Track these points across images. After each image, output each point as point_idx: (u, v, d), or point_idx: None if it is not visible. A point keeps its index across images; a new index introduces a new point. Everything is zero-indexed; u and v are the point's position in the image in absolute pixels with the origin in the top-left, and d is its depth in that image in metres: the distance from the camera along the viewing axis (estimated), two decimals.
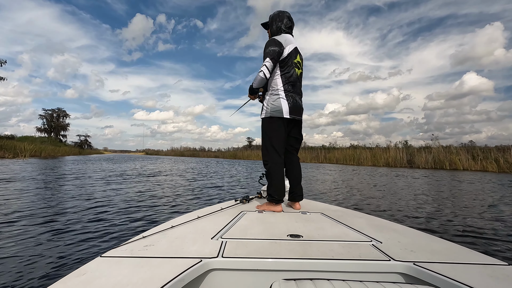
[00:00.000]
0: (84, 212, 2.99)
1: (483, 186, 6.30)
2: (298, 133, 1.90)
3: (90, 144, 58.22)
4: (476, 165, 13.49)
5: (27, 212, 2.93)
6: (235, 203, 1.91)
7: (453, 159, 14.20)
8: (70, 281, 0.74)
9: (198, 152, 49.39)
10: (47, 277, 1.48)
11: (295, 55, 1.81)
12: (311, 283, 0.66)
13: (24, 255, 1.77)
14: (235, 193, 4.95)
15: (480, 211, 3.52)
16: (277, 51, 1.72)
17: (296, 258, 0.94)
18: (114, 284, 0.72)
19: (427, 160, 15.17)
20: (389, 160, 16.82)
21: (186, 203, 3.75)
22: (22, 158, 16.89)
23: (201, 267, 0.87)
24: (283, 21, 1.86)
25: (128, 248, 1.00)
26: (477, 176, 9.55)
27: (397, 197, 4.57)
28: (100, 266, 0.84)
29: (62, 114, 45.42)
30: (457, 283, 0.75)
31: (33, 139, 29.21)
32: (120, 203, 3.59)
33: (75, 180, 6.19)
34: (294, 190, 1.86)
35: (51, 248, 1.90)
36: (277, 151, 1.76)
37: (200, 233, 1.20)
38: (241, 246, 1.04)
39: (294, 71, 1.78)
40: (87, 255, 1.79)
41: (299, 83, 1.87)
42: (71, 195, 4.09)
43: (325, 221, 1.48)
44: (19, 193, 4.14)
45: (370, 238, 1.17)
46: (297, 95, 1.82)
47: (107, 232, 2.31)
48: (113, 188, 4.98)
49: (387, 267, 0.91)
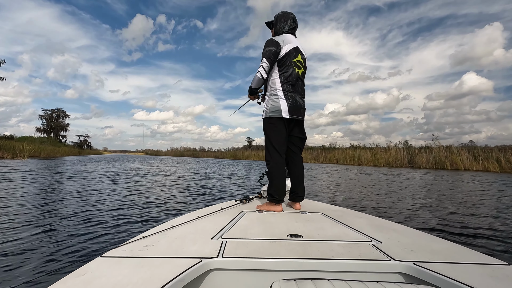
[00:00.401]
0: (83, 212, 2.99)
1: (484, 186, 6.30)
2: (300, 132, 1.90)
3: (90, 144, 58.33)
4: (477, 165, 13.48)
5: (25, 212, 2.93)
6: (235, 203, 1.92)
7: (454, 159, 14.20)
8: (70, 281, 0.75)
9: (198, 152, 49.43)
10: (46, 277, 1.48)
11: (295, 54, 1.80)
12: (311, 283, 0.67)
13: (24, 255, 1.78)
14: (235, 193, 4.96)
15: (481, 211, 3.52)
16: (274, 51, 1.73)
17: (296, 258, 0.94)
18: (114, 284, 0.72)
19: (428, 160, 15.16)
20: (390, 160, 16.85)
21: (186, 203, 3.76)
22: (21, 159, 16.88)
23: (201, 267, 0.88)
24: (287, 22, 1.88)
25: (128, 248, 1.00)
26: (478, 176, 9.54)
27: (397, 197, 4.58)
28: (100, 266, 0.84)
29: (62, 114, 45.51)
30: (457, 283, 0.76)
31: (32, 140, 29.25)
32: (120, 203, 3.60)
33: (74, 180, 6.20)
34: (295, 190, 1.86)
35: (50, 248, 1.91)
36: (278, 150, 1.77)
37: (200, 233, 1.20)
38: (241, 246, 1.04)
39: (293, 70, 1.78)
40: (87, 255, 1.80)
41: (301, 82, 1.87)
42: (70, 195, 4.09)
43: (325, 221, 1.48)
44: (18, 193, 4.15)
45: (370, 238, 1.17)
46: (298, 95, 1.82)
47: (107, 232, 2.31)
48: (112, 188, 4.99)
49: (387, 267, 0.91)
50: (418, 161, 15.61)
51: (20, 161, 14.44)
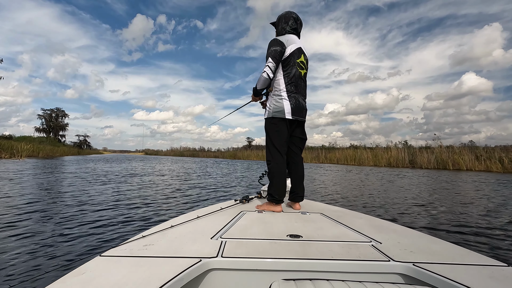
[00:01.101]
0: (83, 212, 3.00)
1: (486, 187, 6.29)
2: (301, 133, 1.92)
3: (89, 144, 58.41)
4: (480, 165, 13.39)
5: (23, 212, 2.94)
6: (235, 203, 1.93)
7: (456, 159, 14.13)
8: (69, 280, 0.75)
9: (198, 152, 49.42)
10: (46, 276, 1.49)
11: (299, 55, 1.81)
12: (311, 283, 0.67)
13: (23, 255, 1.78)
14: (235, 193, 4.97)
15: (483, 211, 3.52)
16: (279, 50, 1.74)
17: (295, 258, 0.95)
18: (113, 284, 0.73)
19: (430, 160, 15.11)
20: (391, 160, 16.80)
21: (186, 203, 3.76)
22: (19, 158, 16.88)
23: (201, 267, 0.88)
24: (288, 22, 1.89)
25: (127, 247, 1.01)
26: (481, 176, 9.51)
27: (397, 198, 4.58)
28: (99, 265, 0.85)
29: (61, 114, 45.50)
30: (456, 284, 0.76)
31: (31, 139, 29.27)
32: (119, 203, 3.60)
33: (72, 180, 6.21)
34: (295, 191, 1.88)
35: (50, 248, 1.92)
36: (279, 150, 1.78)
37: (200, 232, 1.21)
38: (240, 246, 1.05)
39: (296, 70, 1.79)
40: (86, 254, 1.81)
41: (303, 83, 1.87)
42: (69, 195, 4.10)
43: (325, 221, 1.49)
44: (15, 192, 4.16)
45: (370, 239, 1.18)
46: (300, 96, 1.83)
47: (106, 231, 2.32)
48: (112, 188, 5.00)
49: (386, 268, 0.92)
50: (419, 161, 15.57)
51: (17, 160, 14.45)
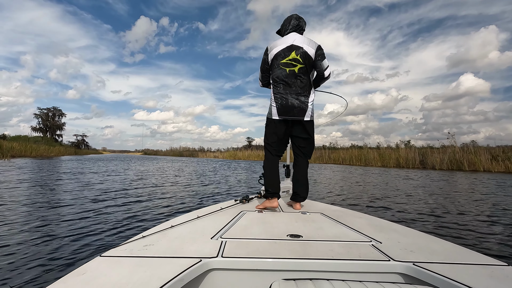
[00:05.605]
0: (82, 212, 3.05)
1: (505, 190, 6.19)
2: (302, 131, 1.91)
3: (87, 143, 58.97)
4: (498, 166, 12.79)
5: (22, 211, 3.01)
6: (235, 203, 1.97)
7: (472, 159, 13.56)
8: (70, 281, 0.78)
9: (197, 152, 49.50)
10: (46, 277, 1.54)
11: (287, 54, 1.86)
12: (311, 283, 0.70)
13: (23, 255, 1.84)
14: (235, 193, 5.01)
15: (489, 213, 3.51)
16: (263, 59, 1.99)
17: (296, 258, 0.98)
18: (113, 284, 0.76)
19: (443, 160, 14.61)
20: (400, 160, 16.43)
21: (186, 203, 3.81)
22: (4, 159, 16.09)
23: (201, 267, 0.91)
24: (290, 22, 2.02)
25: (127, 247, 1.04)
26: (502, 178, 8.99)
27: (409, 202, 4.56)
28: (100, 265, 0.88)
29: (58, 113, 45.84)
30: (457, 283, 0.79)
31: (26, 139, 29.56)
32: (119, 203, 3.66)
33: (71, 179, 6.30)
34: (296, 191, 1.94)
35: (50, 248, 1.97)
36: (269, 149, 1.97)
37: (200, 233, 1.25)
38: (241, 246, 1.08)
39: (281, 71, 1.87)
40: (87, 254, 1.86)
41: (299, 80, 1.85)
42: (68, 195, 4.17)
43: (325, 221, 1.52)
44: (15, 192, 4.25)
45: (370, 238, 1.21)
46: (290, 95, 1.84)
47: (106, 231, 2.38)
48: (111, 188, 5.06)
49: (386, 267, 0.95)
50: (431, 161, 15.14)
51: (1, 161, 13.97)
